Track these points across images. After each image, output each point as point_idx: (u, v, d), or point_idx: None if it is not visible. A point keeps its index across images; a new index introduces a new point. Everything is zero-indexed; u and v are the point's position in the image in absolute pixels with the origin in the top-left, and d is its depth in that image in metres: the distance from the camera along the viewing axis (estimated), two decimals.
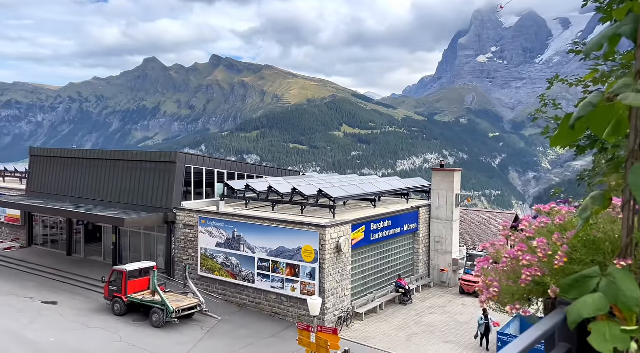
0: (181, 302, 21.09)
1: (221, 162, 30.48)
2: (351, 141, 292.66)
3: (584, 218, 1.42)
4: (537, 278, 1.47)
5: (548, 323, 1.34)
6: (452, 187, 27.41)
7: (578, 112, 1.38)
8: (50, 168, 33.28)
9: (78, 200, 30.52)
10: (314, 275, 20.75)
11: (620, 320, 1.29)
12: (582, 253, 1.52)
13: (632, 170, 1.29)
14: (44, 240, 34.89)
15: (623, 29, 1.37)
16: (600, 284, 1.33)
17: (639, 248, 1.40)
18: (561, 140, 1.44)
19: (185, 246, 25.43)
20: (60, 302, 23.63)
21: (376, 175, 49.15)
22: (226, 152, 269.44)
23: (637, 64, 1.35)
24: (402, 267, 26.59)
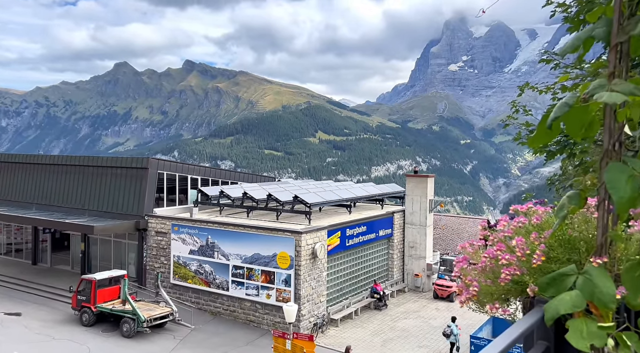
0: (153, 311, 20.57)
1: (195, 168, 30.03)
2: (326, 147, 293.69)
3: (561, 217, 1.44)
4: (515, 277, 1.48)
5: (527, 322, 1.35)
6: (425, 192, 27.80)
7: (555, 112, 1.40)
8: (15, 174, 32.07)
9: (45, 207, 29.48)
10: (289, 281, 20.61)
11: (597, 316, 1.31)
12: (558, 252, 1.54)
13: (607, 169, 1.32)
14: (7, 249, 33.50)
15: (596, 32, 1.41)
16: (577, 282, 1.35)
17: (613, 247, 1.43)
18: (539, 141, 1.47)
19: (158, 254, 24.87)
20: (24, 313, 22.68)
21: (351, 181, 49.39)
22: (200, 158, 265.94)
23: (610, 66, 1.38)
24: (377, 273, 26.72)
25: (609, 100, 1.23)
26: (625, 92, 1.26)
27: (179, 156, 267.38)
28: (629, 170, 1.28)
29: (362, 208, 28.61)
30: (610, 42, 1.37)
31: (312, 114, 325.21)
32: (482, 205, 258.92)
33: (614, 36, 1.35)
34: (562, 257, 1.53)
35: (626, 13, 1.40)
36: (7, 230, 33.57)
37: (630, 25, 1.32)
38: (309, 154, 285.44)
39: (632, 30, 1.30)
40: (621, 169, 1.29)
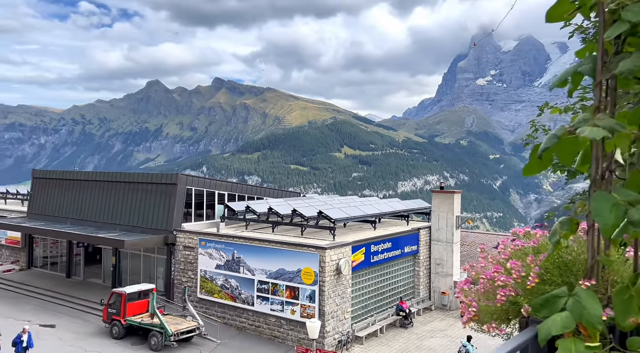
0: (180, 325, 20.89)
1: (222, 184, 30.61)
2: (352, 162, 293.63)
3: (554, 242, 1.53)
4: (511, 297, 1.57)
5: (519, 340, 1.43)
6: (452, 208, 27.43)
7: (544, 144, 1.50)
8: (52, 190, 33.43)
9: (79, 222, 30.55)
10: (313, 297, 20.60)
11: (585, 337, 1.39)
12: (554, 275, 1.62)
13: (593, 197, 1.40)
14: (43, 262, 34.75)
15: (583, 68, 1.51)
16: (568, 303, 1.43)
17: (604, 270, 1.51)
18: (531, 170, 1.56)
19: (185, 268, 25.33)
20: (58, 325, 23.40)
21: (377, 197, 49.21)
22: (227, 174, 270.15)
23: (595, 100, 1.48)
24: (403, 290, 26.38)
25: (589, 135, 1.33)
26: (606, 127, 1.35)
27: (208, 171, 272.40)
28: (613, 199, 1.36)
29: (387, 224, 28.44)
30: (595, 78, 1.47)
31: (338, 129, 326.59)
32: (512, 222, 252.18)
33: (598, 73, 1.45)
34: (558, 279, 1.61)
35: (612, 51, 1.50)
36: (43, 244, 34.86)
37: (612, 64, 1.42)
38: (335, 168, 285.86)
39: (614, 69, 1.40)
40: (606, 198, 1.37)
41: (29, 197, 35.46)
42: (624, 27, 1.36)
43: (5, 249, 36.45)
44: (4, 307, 26.13)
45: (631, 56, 1.37)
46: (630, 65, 1.34)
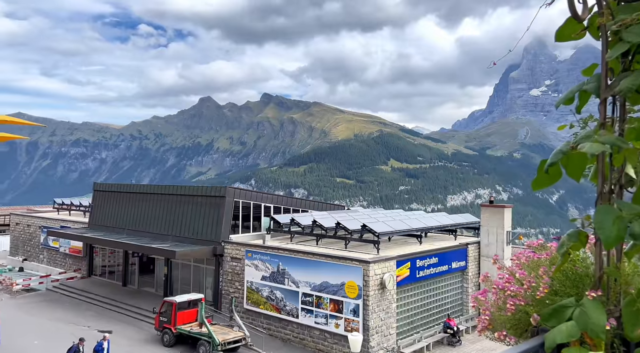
0: (227, 334, 21.38)
1: (268, 196, 31.27)
2: (399, 175, 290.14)
3: (562, 254, 1.58)
4: (520, 306, 1.63)
5: (526, 346, 1.49)
6: (502, 223, 26.49)
7: (551, 159, 1.57)
8: (111, 202, 35.47)
9: (134, 233, 32.15)
10: (357, 311, 20.48)
11: (590, 346, 1.43)
12: (566, 286, 1.67)
13: (597, 210, 1.45)
14: (102, 270, 36.72)
15: (588, 86, 1.57)
16: (574, 313, 1.48)
17: (616, 282, 1.54)
18: (540, 184, 1.63)
19: (232, 279, 25.97)
20: (115, 331, 24.59)
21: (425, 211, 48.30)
22: (274, 186, 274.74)
23: (600, 117, 1.53)
24: (451, 306, 25.63)
25: (589, 150, 1.39)
26: (607, 142, 1.41)
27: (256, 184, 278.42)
28: (616, 212, 1.41)
29: (433, 239, 27.87)
30: (600, 96, 1.52)
31: (385, 142, 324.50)
32: None
33: (602, 91, 1.51)
34: (570, 290, 1.66)
35: (619, 69, 1.55)
36: (102, 254, 36.92)
37: (615, 82, 1.48)
38: (381, 182, 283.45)
39: (615, 87, 1.46)
40: (609, 211, 1.42)
41: (90, 208, 37.77)
42: (624, 47, 1.42)
43: (69, 258, 38.89)
44: (67, 313, 27.84)
45: (632, 75, 1.41)
46: (628, 84, 1.39)
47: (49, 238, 39.03)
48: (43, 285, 34.57)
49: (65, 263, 39.11)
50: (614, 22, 1.47)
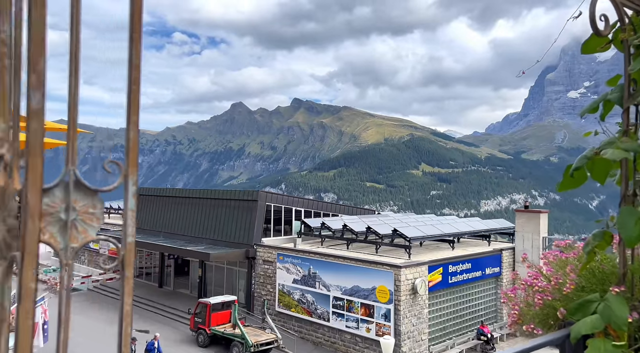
0: (259, 336, 21.72)
1: (299, 200, 31.62)
2: (430, 180, 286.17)
3: (587, 252, 1.70)
4: (547, 301, 1.75)
5: (552, 337, 1.61)
6: (537, 229, 25.83)
7: (576, 163, 1.69)
8: (148, 206, 36.68)
9: (170, 236, 33.13)
10: (389, 316, 20.43)
11: (613, 337, 1.54)
12: (592, 282, 1.78)
13: (620, 212, 1.57)
14: (139, 272, 37.95)
15: (612, 96, 1.68)
16: (598, 307, 1.59)
17: (635, 278, 1.64)
18: (565, 187, 1.75)
19: (264, 281, 26.37)
20: (152, 331, 25.36)
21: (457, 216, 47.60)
22: (304, 191, 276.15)
23: (623, 125, 1.64)
24: (484, 313, 25.15)
25: (611, 156, 1.51)
26: (629, 149, 1.52)
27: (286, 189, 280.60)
28: (638, 214, 1.52)
29: (466, 245, 27.45)
30: (623, 105, 1.63)
31: (416, 146, 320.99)
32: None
33: (625, 101, 1.62)
34: (595, 286, 1.77)
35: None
36: (139, 256, 38.17)
37: (637, 93, 1.59)
38: (412, 186, 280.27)
39: (638, 97, 1.57)
40: (631, 212, 1.53)
41: None
42: None
43: (109, 259, 40.41)
44: (108, 312, 28.91)
45: None
46: None
47: None
48: (85, 285, 36.04)
49: (105, 264, 40.64)
50: (635, 36, 1.58)
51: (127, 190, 0.70)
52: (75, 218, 0.66)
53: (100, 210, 0.69)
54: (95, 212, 0.68)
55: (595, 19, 1.55)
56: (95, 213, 0.68)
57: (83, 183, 0.67)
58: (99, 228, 0.71)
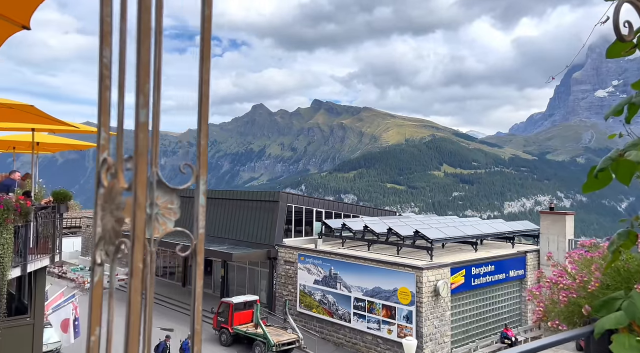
0: (281, 336, 21.91)
1: (319, 201, 31.74)
2: (452, 181, 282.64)
3: (611, 252, 1.75)
4: (572, 299, 1.81)
5: (578, 331, 1.67)
6: (563, 232, 25.30)
7: (600, 165, 1.74)
8: None
9: None
10: (410, 318, 20.34)
11: (637, 332, 1.59)
12: (617, 281, 1.82)
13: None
14: (163, 271, 38.71)
15: (637, 99, 1.73)
16: (623, 304, 1.64)
17: None
18: (589, 188, 1.80)
19: (286, 282, 26.57)
20: (176, 329, 25.82)
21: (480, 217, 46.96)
22: (324, 192, 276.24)
23: None
24: (508, 316, 24.78)
25: (635, 158, 1.56)
26: None
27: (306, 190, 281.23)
28: None
29: (489, 247, 27.10)
30: None
31: (437, 146, 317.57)
32: None
33: None
34: (620, 284, 1.81)
35: None
36: (163, 255, 38.94)
37: None
38: (433, 187, 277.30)
39: None
40: None
41: None
42: None
43: None
44: None
45: None
46: None
47: None
48: None
49: None
50: None
51: (198, 189, 0.82)
52: (157, 213, 0.78)
53: (177, 206, 0.80)
54: (173, 207, 0.80)
55: (619, 25, 1.60)
56: (173, 209, 0.79)
57: (163, 182, 0.78)
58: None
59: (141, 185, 0.67)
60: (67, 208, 9.50)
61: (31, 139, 8.22)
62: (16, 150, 12.95)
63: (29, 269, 8.20)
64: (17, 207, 7.03)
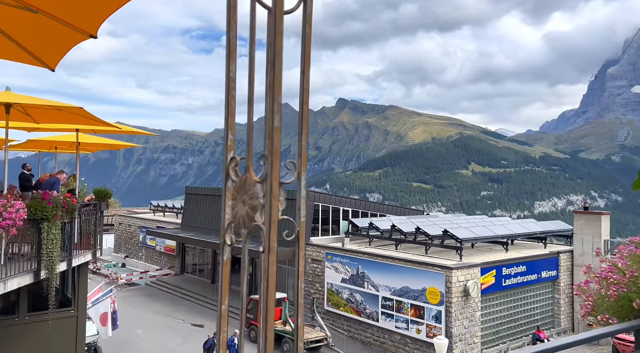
0: (309, 334, 22.12)
1: (346, 200, 31.80)
2: (480, 180, 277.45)
3: None
4: (622, 293, 1.86)
5: (629, 324, 1.72)
6: (598, 232, 24.60)
7: None
8: (200, 204, 38.16)
9: None
10: (439, 318, 20.20)
11: None
12: None
13: None
14: (193, 268, 39.57)
15: None
16: None
17: None
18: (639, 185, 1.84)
19: (313, 280, 26.77)
20: (206, 325, 26.47)
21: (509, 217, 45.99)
22: (349, 191, 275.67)
23: None
24: (540, 318, 24.27)
25: None
26: None
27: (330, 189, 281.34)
28: None
29: (520, 247, 26.58)
30: None
31: (465, 145, 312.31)
32: None
33: None
34: None
35: None
36: (192, 253, 39.79)
37: None
38: (461, 187, 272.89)
39: None
40: None
41: (183, 210, 40.89)
42: None
43: (164, 256, 42.40)
44: (164, 306, 30.43)
45: None
46: None
47: (147, 237, 42.87)
48: (143, 280, 38.04)
49: (160, 260, 42.69)
50: None
51: (299, 183, 0.94)
52: None
53: (283, 198, 0.93)
54: (280, 198, 0.92)
55: None
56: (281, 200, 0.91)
57: None
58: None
59: (275, 179, 0.80)
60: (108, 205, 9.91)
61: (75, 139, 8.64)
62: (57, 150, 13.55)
63: (74, 264, 8.60)
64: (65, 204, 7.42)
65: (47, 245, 6.94)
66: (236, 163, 0.82)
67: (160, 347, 22.68)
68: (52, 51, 3.18)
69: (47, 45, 3.12)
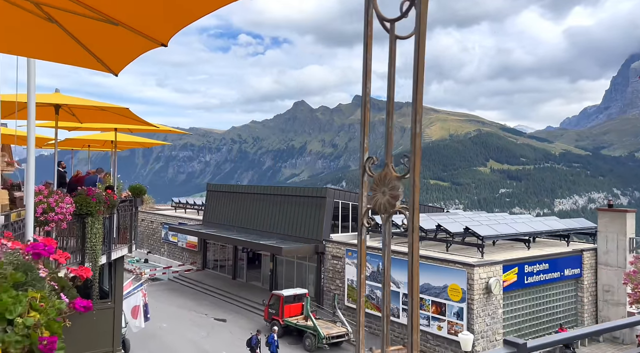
0: (331, 329, 22.37)
1: None
2: (499, 177, 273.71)
3: None
4: None
5: None
6: (624, 230, 24.22)
7: None
8: (221, 201, 38.71)
9: (242, 230, 34.77)
10: (461, 315, 20.22)
11: None
12: None
13: None
14: (214, 264, 40.19)
15: None
16: None
17: None
18: None
19: (333, 276, 26.99)
20: (228, 320, 26.95)
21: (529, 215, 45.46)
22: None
23: None
24: (563, 316, 24.06)
25: None
26: None
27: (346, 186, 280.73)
28: None
29: (542, 244, 26.35)
30: None
31: (483, 141, 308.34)
32: None
33: None
34: None
35: None
36: (213, 249, 40.41)
37: None
38: (479, 184, 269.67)
39: None
40: None
41: (204, 207, 41.54)
42: None
43: (186, 252, 43.15)
44: (187, 301, 31.05)
45: None
46: None
47: (169, 234, 43.68)
48: (165, 275, 38.81)
49: (182, 256, 43.46)
50: None
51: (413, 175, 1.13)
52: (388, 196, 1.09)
53: (401, 191, 1.12)
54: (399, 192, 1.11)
55: None
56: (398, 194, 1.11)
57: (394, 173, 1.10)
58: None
59: (417, 174, 0.99)
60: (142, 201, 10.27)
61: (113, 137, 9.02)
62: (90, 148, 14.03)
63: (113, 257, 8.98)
64: (107, 200, 7.77)
65: (90, 238, 7.30)
66: (372, 161, 1.02)
67: (185, 340, 23.21)
68: (120, 57, 3.41)
69: (116, 52, 3.35)
